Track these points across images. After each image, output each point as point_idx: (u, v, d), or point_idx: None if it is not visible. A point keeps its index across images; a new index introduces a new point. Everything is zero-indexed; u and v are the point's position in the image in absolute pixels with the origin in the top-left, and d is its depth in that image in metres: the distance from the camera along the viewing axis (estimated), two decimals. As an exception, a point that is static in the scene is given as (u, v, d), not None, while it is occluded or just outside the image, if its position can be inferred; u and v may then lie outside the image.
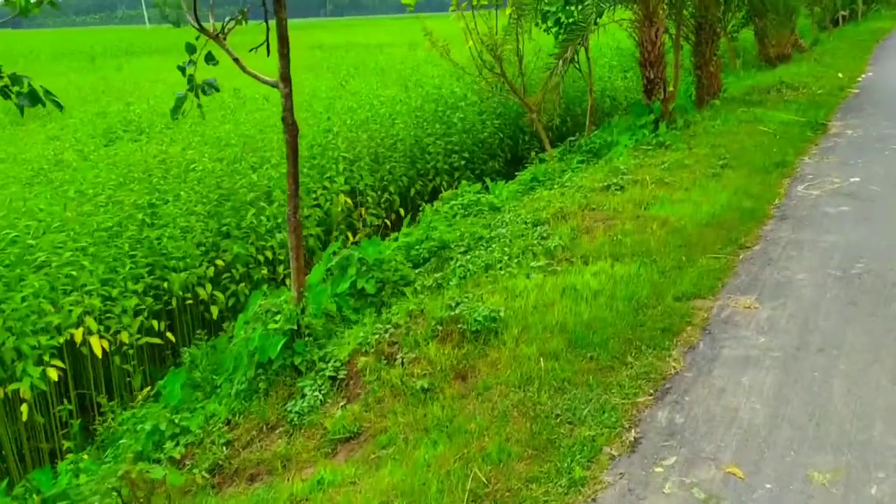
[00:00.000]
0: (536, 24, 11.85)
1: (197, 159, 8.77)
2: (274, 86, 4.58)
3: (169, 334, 7.12)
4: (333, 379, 4.55)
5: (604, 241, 6.03)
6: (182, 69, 4.53)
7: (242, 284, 7.85)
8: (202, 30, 4.42)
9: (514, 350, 4.20)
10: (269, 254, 8.10)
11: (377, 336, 4.68)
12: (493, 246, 6.22)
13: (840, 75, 15.41)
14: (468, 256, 6.11)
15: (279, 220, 8.27)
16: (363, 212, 10.05)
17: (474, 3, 10.18)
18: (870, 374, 3.85)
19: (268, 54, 4.46)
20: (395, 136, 11.57)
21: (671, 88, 11.46)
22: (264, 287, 7.97)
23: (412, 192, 11.55)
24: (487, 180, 9.88)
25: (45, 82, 4.07)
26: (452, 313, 4.57)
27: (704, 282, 5.12)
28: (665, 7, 12.00)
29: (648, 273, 5.26)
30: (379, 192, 10.83)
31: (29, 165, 9.41)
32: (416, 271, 6.29)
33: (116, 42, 44.10)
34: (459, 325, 4.46)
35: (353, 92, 14.60)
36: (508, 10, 9.92)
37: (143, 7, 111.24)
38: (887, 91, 13.91)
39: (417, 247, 6.58)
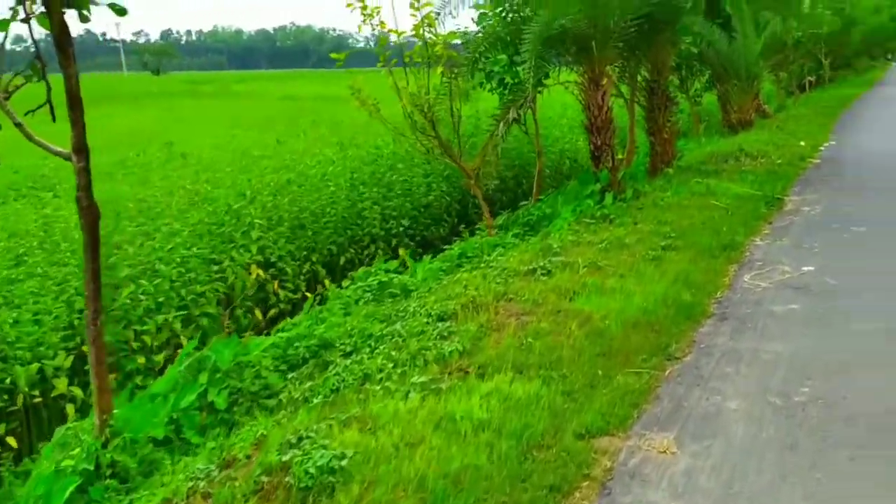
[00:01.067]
0: (480, 85, 11.13)
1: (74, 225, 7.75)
2: (67, 158, 3.64)
3: (11, 439, 6.05)
4: (129, 542, 3.51)
5: (511, 344, 5.07)
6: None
7: (113, 376, 6.78)
8: (-29, 90, 3.49)
9: (348, 520, 3.19)
10: (147, 339, 7.06)
11: (193, 483, 3.65)
12: (382, 347, 5.23)
13: (802, 143, 14.84)
14: (349, 361, 5.11)
15: (160, 300, 7.26)
16: (276, 285, 9.05)
17: (406, 59, 9.43)
18: (806, 573, 2.88)
19: (53, 119, 3.53)
20: (324, 200, 10.67)
21: (620, 156, 10.72)
22: (136, 379, 6.93)
23: (342, 260, 10.61)
24: (406, 256, 8.94)
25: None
26: (284, 458, 3.55)
27: (617, 410, 4.16)
28: (616, 70, 11.36)
29: (551, 395, 4.29)
30: (301, 262, 9.87)
31: None
32: (291, 375, 5.29)
33: (88, 89, 43.24)
34: (288, 479, 3.44)
35: (291, 150, 13.72)
36: (440, 69, 9.14)
37: (122, 54, 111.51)
38: (849, 162, 13.29)
39: (298, 343, 5.57)
